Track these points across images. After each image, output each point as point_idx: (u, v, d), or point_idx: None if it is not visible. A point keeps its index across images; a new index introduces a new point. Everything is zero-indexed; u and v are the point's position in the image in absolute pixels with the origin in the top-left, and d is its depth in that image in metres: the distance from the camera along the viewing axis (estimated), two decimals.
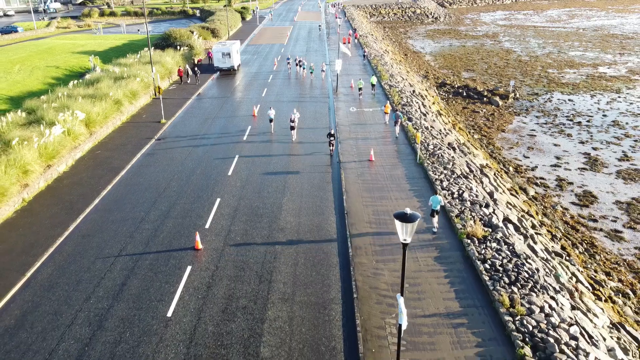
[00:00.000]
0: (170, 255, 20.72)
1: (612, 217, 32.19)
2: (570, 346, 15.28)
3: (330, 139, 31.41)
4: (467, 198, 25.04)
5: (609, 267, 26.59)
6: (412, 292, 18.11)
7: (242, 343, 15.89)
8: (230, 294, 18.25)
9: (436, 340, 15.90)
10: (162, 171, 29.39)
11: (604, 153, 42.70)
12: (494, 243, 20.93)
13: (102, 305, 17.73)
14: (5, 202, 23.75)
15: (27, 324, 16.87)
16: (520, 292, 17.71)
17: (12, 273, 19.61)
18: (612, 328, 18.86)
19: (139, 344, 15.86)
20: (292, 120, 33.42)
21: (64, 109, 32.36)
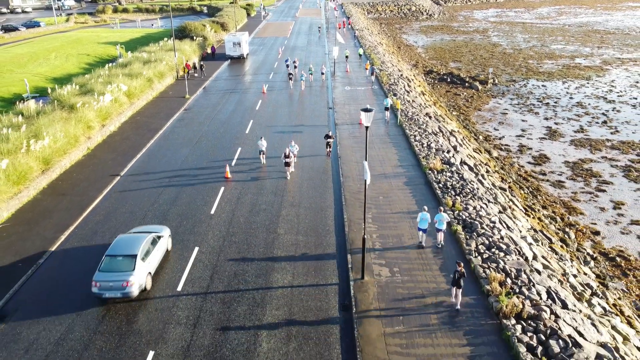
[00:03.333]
0: (206, 183, 27.85)
1: (558, 172, 39.27)
2: (488, 226, 22.42)
3: (327, 140, 30.87)
4: (434, 147, 32.20)
5: (547, 204, 33.74)
6: (386, 201, 25.27)
7: (264, 227, 23.05)
8: (254, 202, 25.40)
9: (399, 225, 23.04)
10: (192, 131, 36.56)
11: (564, 127, 49.76)
12: (448, 173, 28.10)
13: (164, 208, 24.88)
14: (77, 147, 30.92)
15: (111, 218, 23.99)
16: (461, 198, 24.88)
17: (92, 192, 26.75)
18: (530, 229, 25.98)
19: (194, 227, 23.00)
20: (287, 156, 27.52)
21: (109, 83, 39.50)
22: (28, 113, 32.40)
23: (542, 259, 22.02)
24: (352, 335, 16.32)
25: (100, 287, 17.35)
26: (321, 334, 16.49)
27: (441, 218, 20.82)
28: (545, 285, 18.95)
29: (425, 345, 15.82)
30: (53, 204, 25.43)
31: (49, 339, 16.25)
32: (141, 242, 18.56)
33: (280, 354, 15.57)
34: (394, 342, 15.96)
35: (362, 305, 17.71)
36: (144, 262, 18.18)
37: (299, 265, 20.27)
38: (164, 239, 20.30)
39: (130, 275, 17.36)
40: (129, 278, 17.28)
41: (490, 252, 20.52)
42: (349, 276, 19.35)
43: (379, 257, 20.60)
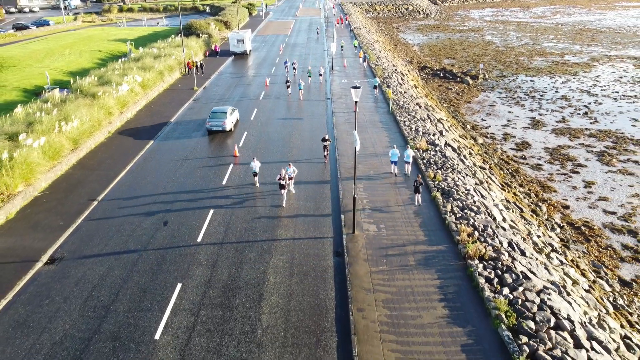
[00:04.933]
0: (218, 158, 31.32)
1: (538, 156, 42.76)
2: (463, 193, 25.91)
3: (324, 143, 30.79)
4: (421, 131, 35.70)
5: (524, 183, 37.24)
6: (376, 174, 28.73)
7: (270, 197, 26.53)
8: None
9: (386, 193, 26.53)
10: (203, 116, 40.09)
11: (547, 117, 53.25)
12: (432, 152, 31.60)
13: (181, 180, 28.38)
14: (99, 130, 34.45)
15: (136, 186, 27.49)
16: (442, 171, 28.38)
17: (117, 167, 30.26)
18: (504, 200, 29.47)
19: (208, 194, 26.50)
20: (282, 178, 24.87)
21: (125, 75, 43.00)
22: (54, 101, 35.87)
23: (510, 221, 25.52)
24: (344, 273, 19.81)
25: (211, 124, 35.65)
26: (318, 272, 19.99)
27: (408, 153, 28.07)
28: (508, 238, 22.46)
29: (403, 279, 19.31)
30: (84, 176, 28.95)
31: (94, 276, 19.75)
32: (227, 108, 36.93)
33: (284, 286, 19.07)
34: (378, 278, 19.45)
35: (353, 252, 21.21)
36: (229, 116, 36.20)
37: (300, 223, 23.76)
38: (236, 112, 38.33)
39: (225, 119, 35.76)
40: (225, 120, 35.71)
41: (463, 212, 24.02)
42: (342, 231, 22.85)
43: (368, 217, 24.09)
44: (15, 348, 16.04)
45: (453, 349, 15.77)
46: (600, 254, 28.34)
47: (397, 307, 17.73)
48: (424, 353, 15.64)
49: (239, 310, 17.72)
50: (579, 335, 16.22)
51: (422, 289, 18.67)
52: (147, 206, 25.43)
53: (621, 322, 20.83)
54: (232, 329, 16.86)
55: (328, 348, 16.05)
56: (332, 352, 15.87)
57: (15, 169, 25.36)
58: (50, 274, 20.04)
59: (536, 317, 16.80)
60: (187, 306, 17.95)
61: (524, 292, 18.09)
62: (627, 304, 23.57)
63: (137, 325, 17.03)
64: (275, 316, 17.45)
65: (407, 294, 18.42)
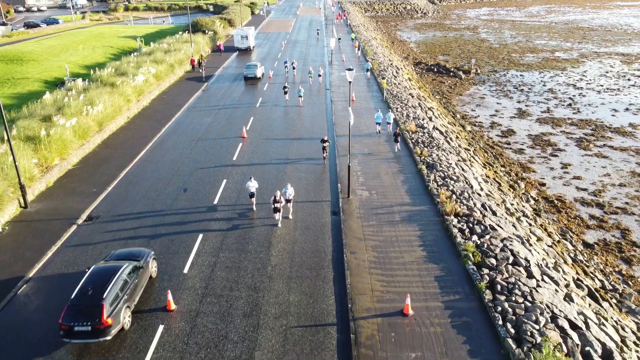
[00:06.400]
0: (228, 139, 34.85)
1: (521, 142, 46.28)
2: (445, 166, 29.45)
3: (323, 144, 30.95)
4: (412, 116, 39.26)
5: (505, 164, 40.77)
6: (369, 152, 32.27)
7: (278, 155, 30.11)
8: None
9: (379, 166, 30.07)
10: (212, 104, 43.70)
11: (533, 108, 56.77)
12: (420, 133, 35.16)
13: (195, 156, 31.92)
14: (120, 115, 38.03)
15: (156, 161, 31.04)
16: (428, 149, 31.93)
17: (138, 146, 33.82)
18: (484, 175, 33.00)
19: (219, 169, 30.04)
20: (277, 200, 23.20)
21: (139, 67, 46.57)
22: (77, 89, 39.42)
23: (487, 191, 29.06)
24: (339, 227, 23.35)
25: (246, 73, 50.95)
26: (318, 227, 23.54)
27: (389, 115, 35.91)
28: (482, 201, 26.00)
29: (390, 231, 22.86)
30: (109, 153, 32.52)
31: (127, 229, 23.31)
32: (257, 63, 52.55)
33: (289, 236, 22.61)
34: (368, 230, 23.00)
35: (347, 212, 24.75)
36: (259, 68, 51.52)
37: (302, 190, 27.31)
38: (262, 67, 52.28)
39: (256, 69, 51.92)
40: (256, 70, 50.59)
41: (444, 181, 27.57)
42: (338, 196, 26.40)
43: (362, 186, 27.64)
44: (69, 281, 19.56)
45: (428, 279, 19.32)
46: (568, 222, 31.88)
47: (384, 251, 21.27)
48: (404, 282, 19.17)
49: (252, 253, 21.27)
50: (532, 271, 19.75)
51: (405, 238, 22.21)
52: (168, 177, 28.99)
53: (577, 271, 24.37)
54: (246, 266, 20.41)
55: (326, 280, 19.59)
56: (329, 283, 19.41)
57: (52, 145, 28.91)
58: (90, 228, 23.61)
59: (497, 256, 20.35)
60: (208, 250, 21.51)
61: (490, 239, 21.65)
62: (586, 260, 27.11)
63: (168, 263, 20.59)
64: (282, 257, 20.99)
65: (392, 242, 21.96)
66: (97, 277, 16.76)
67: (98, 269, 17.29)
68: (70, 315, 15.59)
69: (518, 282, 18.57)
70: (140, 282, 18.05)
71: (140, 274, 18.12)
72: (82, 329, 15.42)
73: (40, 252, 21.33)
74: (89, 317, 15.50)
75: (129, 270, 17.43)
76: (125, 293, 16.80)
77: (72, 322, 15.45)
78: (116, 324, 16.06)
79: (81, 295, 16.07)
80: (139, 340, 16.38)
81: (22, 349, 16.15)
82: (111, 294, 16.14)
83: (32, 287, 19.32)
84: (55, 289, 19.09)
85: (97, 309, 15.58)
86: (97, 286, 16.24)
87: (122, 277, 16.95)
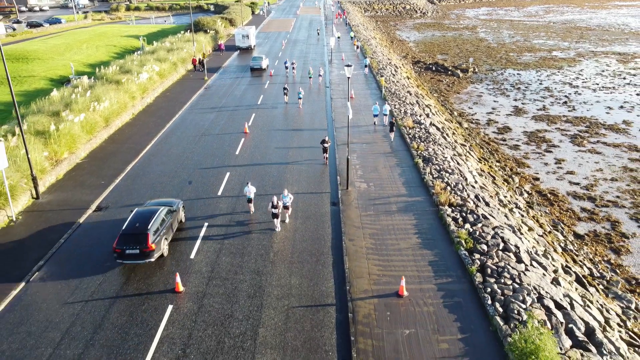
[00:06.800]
0: (230, 134, 35.90)
1: (517, 139, 47.33)
2: (441, 160, 30.50)
3: (324, 145, 30.87)
4: (409, 113, 40.31)
5: (501, 159, 41.81)
6: (368, 147, 33.33)
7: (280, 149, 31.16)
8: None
9: (376, 160, 31.12)
10: (215, 102, 44.76)
11: (529, 106, 57.81)
12: (417, 129, 36.22)
13: (199, 150, 32.96)
14: (125, 112, 39.10)
15: (162, 155, 32.08)
16: (425, 144, 32.99)
17: (144, 141, 34.86)
18: (478, 169, 34.03)
19: (224, 155, 31.09)
20: (275, 206, 22.76)
21: (143, 65, 47.63)
22: (83, 86, 40.46)
23: (481, 184, 30.10)
24: (338, 216, 24.40)
25: (253, 64, 54.89)
26: (318, 216, 24.59)
27: (386, 107, 37.70)
28: (475, 192, 27.06)
29: (387, 220, 23.91)
30: (115, 148, 33.58)
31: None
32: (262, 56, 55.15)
33: (291, 225, 23.67)
34: (366, 219, 24.05)
35: (346, 202, 25.80)
36: (264, 60, 56.47)
37: (303, 182, 28.35)
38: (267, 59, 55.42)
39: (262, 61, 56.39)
40: (261, 62, 55.93)
41: (439, 173, 28.63)
42: (338, 187, 27.46)
43: (360, 178, 28.70)
44: (79, 268, 20.60)
45: (422, 264, 20.38)
46: (560, 215, 32.93)
47: (381, 238, 22.33)
48: (399, 266, 20.23)
49: (255, 240, 22.33)
50: (522, 257, 20.80)
51: (401, 226, 23.27)
52: (173, 170, 30.05)
53: (566, 259, 25.42)
54: (250, 252, 21.47)
55: (326, 264, 20.64)
56: (329, 267, 20.47)
57: (61, 139, 29.96)
58: (100, 216, 24.67)
59: (489, 243, 21.41)
60: (213, 237, 22.56)
61: (482, 227, 22.71)
62: (576, 250, 28.16)
63: (176, 249, 21.66)
64: (284, 244, 22.05)
65: (389, 230, 23.02)
66: (141, 215, 20.87)
67: (141, 210, 21.38)
68: (122, 241, 19.66)
69: (507, 266, 19.62)
70: (173, 222, 22.33)
71: (173, 215, 22.39)
72: (132, 252, 19.58)
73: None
74: (138, 242, 19.62)
75: (165, 212, 21.61)
76: (163, 228, 20.93)
77: (124, 247, 19.58)
78: (157, 250, 20.20)
79: (131, 226, 20.15)
80: (149, 319, 17.43)
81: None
82: (153, 226, 20.26)
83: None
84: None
85: (144, 236, 19.69)
86: (143, 221, 20.37)
87: (161, 216, 21.11)
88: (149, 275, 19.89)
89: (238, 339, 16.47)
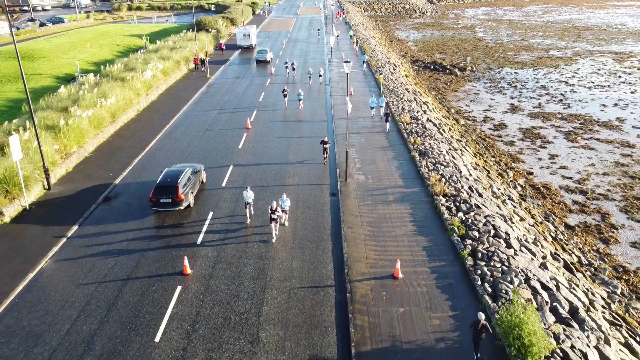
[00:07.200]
0: (233, 130, 37.00)
1: (512, 135, 48.44)
2: (437, 154, 31.62)
3: (324, 145, 30.99)
4: (407, 109, 41.44)
5: (496, 155, 42.93)
6: (366, 141, 34.45)
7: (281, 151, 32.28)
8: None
9: (374, 154, 32.23)
10: (217, 99, 45.89)
11: (525, 103, 58.92)
12: (414, 124, 37.35)
13: (203, 145, 34.06)
14: (131, 108, 40.22)
15: (167, 149, 33.19)
16: (421, 139, 34.11)
17: (150, 135, 35.97)
18: (473, 163, 35.15)
19: (226, 149, 32.21)
20: (274, 210, 22.24)
21: (147, 63, 48.76)
22: (90, 83, 41.58)
23: (475, 177, 31.22)
24: (337, 206, 25.52)
25: (258, 57, 61.15)
26: (318, 206, 25.71)
27: (383, 99, 40.00)
28: (469, 184, 28.17)
29: (384, 209, 25.03)
30: (122, 143, 34.71)
31: (144, 206, 25.48)
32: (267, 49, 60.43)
33: (292, 214, 24.78)
34: (364, 208, 25.17)
35: (345, 193, 26.92)
36: (268, 53, 61.20)
37: (304, 174, 29.48)
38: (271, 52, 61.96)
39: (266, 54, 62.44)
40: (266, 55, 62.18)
41: (434, 166, 29.76)
42: (337, 179, 28.58)
43: (358, 171, 29.82)
44: (92, 252, 21.73)
45: (416, 249, 21.50)
46: (552, 207, 34.05)
47: (378, 226, 23.45)
48: (395, 251, 21.35)
49: (258, 228, 23.44)
50: (511, 243, 21.92)
51: (397, 215, 24.39)
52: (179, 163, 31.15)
53: (555, 247, 26.54)
54: (253, 238, 22.59)
55: (325, 250, 21.76)
56: (328, 252, 21.59)
57: (70, 133, 31.08)
58: (109, 206, 25.78)
59: (480, 230, 22.53)
60: (218, 225, 23.69)
61: (474, 215, 23.83)
62: (566, 240, 29.28)
63: (183, 236, 22.79)
64: (285, 231, 23.17)
65: (386, 218, 24.14)
66: (172, 173, 25.42)
67: (171, 170, 25.97)
68: (157, 192, 24.23)
69: (497, 251, 20.75)
70: (197, 181, 26.79)
71: (197, 175, 26.92)
72: (165, 200, 24.14)
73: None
74: (170, 193, 24.12)
75: (190, 171, 26.09)
76: (189, 184, 25.37)
77: (159, 197, 24.13)
78: (185, 201, 24.63)
79: (164, 180, 24.61)
80: (159, 298, 18.55)
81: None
82: (182, 181, 24.68)
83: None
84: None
85: (175, 188, 24.16)
86: (173, 177, 24.90)
87: (187, 174, 25.58)
88: (158, 259, 21.01)
89: (243, 316, 17.59)
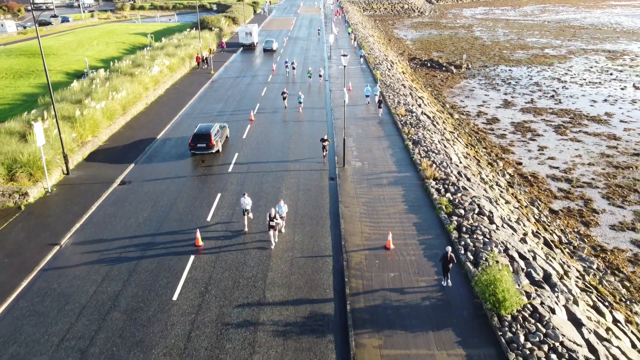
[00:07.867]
0: (237, 122, 39.10)
1: (504, 128, 50.54)
2: (429, 143, 33.73)
3: (323, 143, 31.65)
4: (402, 103, 43.54)
5: (487, 146, 45.03)
6: (363, 132, 36.55)
7: (280, 144, 34.37)
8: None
9: (371, 144, 34.33)
10: (221, 94, 48.00)
11: (518, 99, 61.02)
12: (408, 116, 39.46)
13: None
14: (140, 102, 42.36)
15: (177, 138, 35.29)
16: (415, 129, 36.23)
17: (159, 126, 38.08)
18: (464, 153, 37.23)
19: (233, 139, 34.31)
20: (272, 218, 21.77)
21: (154, 59, 50.88)
22: (100, 78, 43.69)
23: (465, 164, 33.31)
24: (336, 189, 27.62)
25: (264, 46, 68.72)
26: (317, 189, 27.82)
27: (376, 88, 43.26)
28: (459, 170, 30.27)
29: (378, 191, 27.14)
30: (133, 133, 36.82)
31: (156, 190, 27.61)
32: (272, 39, 69.09)
33: (293, 196, 26.89)
34: (360, 190, 27.28)
35: (342, 177, 29.03)
36: (274, 42, 69.01)
37: (304, 162, 31.58)
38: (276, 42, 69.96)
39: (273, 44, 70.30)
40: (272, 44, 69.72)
41: (427, 153, 31.86)
42: (335, 165, 30.69)
43: (355, 158, 31.94)
44: (111, 228, 23.82)
45: (407, 224, 23.61)
46: (539, 194, 36.15)
47: (372, 205, 25.56)
48: (388, 226, 23.46)
49: (262, 207, 25.55)
50: (494, 220, 24.01)
51: (390, 196, 26.51)
52: (187, 152, 33.28)
53: (538, 227, 28.63)
54: (258, 216, 24.69)
55: (324, 226, 23.87)
56: (327, 228, 23.69)
57: (85, 123, 33.18)
58: (125, 189, 27.91)
59: (466, 208, 24.63)
60: (225, 204, 25.80)
61: (461, 196, 25.93)
62: (549, 222, 31.37)
63: (194, 214, 24.89)
64: (288, 210, 25.25)
65: (380, 199, 26.25)
66: (205, 126, 33.29)
67: (203, 124, 33.65)
68: (195, 139, 31.93)
69: (480, 226, 22.85)
70: (223, 134, 34.55)
71: (223, 130, 34.62)
72: (201, 145, 31.87)
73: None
74: (204, 139, 31.87)
75: (219, 126, 33.84)
76: (218, 135, 33.00)
77: (196, 143, 31.89)
78: (216, 147, 32.42)
79: (199, 131, 32.33)
80: (175, 265, 20.65)
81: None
82: (213, 131, 32.36)
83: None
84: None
85: (208, 136, 31.93)
86: (206, 128, 32.75)
87: (216, 127, 33.21)
88: (172, 233, 23.11)
89: (250, 280, 19.70)
